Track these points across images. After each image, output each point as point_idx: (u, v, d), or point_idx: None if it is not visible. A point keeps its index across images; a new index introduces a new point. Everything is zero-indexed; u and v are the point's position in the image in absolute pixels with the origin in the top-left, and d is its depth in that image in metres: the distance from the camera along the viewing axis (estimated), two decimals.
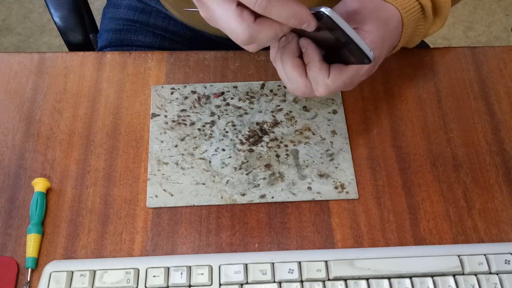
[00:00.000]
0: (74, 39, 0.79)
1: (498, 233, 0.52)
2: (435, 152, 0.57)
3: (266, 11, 0.39)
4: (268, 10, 0.39)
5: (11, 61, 0.62)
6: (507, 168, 0.56)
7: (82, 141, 0.57)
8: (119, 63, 0.62)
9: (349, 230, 0.52)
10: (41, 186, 0.53)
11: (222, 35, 0.74)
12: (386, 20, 0.50)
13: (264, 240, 0.52)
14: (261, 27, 0.40)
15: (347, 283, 0.47)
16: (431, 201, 0.54)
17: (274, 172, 0.55)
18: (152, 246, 0.51)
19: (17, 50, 1.63)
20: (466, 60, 0.64)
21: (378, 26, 0.48)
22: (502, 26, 1.73)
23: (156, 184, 0.54)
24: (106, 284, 0.47)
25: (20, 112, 0.59)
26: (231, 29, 0.40)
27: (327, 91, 0.47)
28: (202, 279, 0.47)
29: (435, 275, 0.48)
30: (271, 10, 0.39)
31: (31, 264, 0.49)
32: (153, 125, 0.58)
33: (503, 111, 0.60)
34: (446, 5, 0.54)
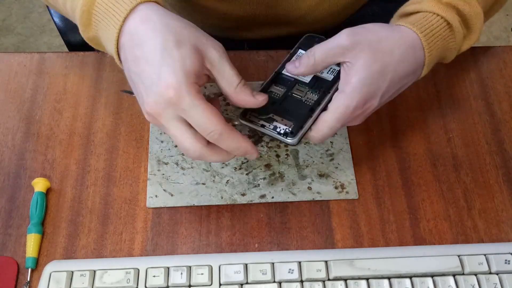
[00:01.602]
0: (74, 39, 0.79)
1: (498, 233, 0.52)
2: (435, 152, 0.57)
3: (217, 142, 0.44)
4: (218, 142, 0.44)
5: (11, 61, 0.62)
6: (507, 168, 0.56)
7: (82, 141, 0.57)
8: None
9: (349, 230, 0.52)
10: (41, 186, 0.53)
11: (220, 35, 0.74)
12: (391, 50, 0.48)
13: (264, 240, 0.52)
14: (212, 151, 0.45)
15: (347, 283, 0.47)
16: (431, 201, 0.54)
17: (274, 172, 0.55)
18: (152, 246, 0.51)
19: (17, 50, 1.63)
20: (466, 60, 0.64)
21: (375, 59, 0.47)
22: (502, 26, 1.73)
23: (156, 184, 0.54)
24: (106, 284, 0.47)
25: (20, 112, 0.59)
26: (185, 148, 0.44)
27: (317, 139, 0.49)
28: (202, 279, 0.47)
29: (435, 275, 0.48)
30: (220, 142, 0.44)
31: (31, 264, 0.49)
32: (153, 125, 0.58)
33: (503, 111, 0.60)
34: (478, 17, 0.52)
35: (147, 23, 0.44)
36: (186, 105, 0.42)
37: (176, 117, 0.43)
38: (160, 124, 0.44)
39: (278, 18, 0.67)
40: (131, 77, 0.45)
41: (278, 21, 0.68)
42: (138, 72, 0.44)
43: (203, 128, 0.43)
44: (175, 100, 0.41)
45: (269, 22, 0.68)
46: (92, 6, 0.46)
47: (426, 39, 0.49)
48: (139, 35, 0.44)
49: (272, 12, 0.66)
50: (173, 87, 0.41)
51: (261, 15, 0.66)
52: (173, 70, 0.42)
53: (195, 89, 0.42)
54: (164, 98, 0.42)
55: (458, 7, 0.51)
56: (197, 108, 0.42)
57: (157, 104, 0.42)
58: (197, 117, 0.42)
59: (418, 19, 0.50)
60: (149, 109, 0.43)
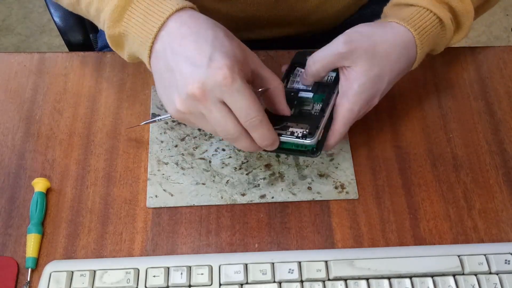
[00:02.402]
0: (74, 39, 0.79)
1: (498, 233, 0.52)
2: (435, 152, 0.57)
3: (254, 128, 0.45)
4: (256, 128, 0.45)
5: (11, 61, 0.62)
6: (507, 168, 0.56)
7: (82, 141, 0.57)
8: (119, 63, 0.62)
9: (349, 230, 0.52)
10: (41, 186, 0.53)
11: None
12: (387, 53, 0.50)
13: (264, 240, 0.52)
14: (248, 136, 0.46)
15: (347, 283, 0.47)
16: (431, 201, 0.54)
17: (274, 172, 0.55)
18: (152, 246, 0.51)
19: (17, 50, 1.63)
20: (466, 60, 0.64)
21: (372, 64, 0.49)
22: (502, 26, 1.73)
23: (156, 184, 0.54)
24: (106, 284, 0.47)
25: (20, 112, 0.59)
26: (226, 129, 0.45)
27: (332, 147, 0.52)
28: (202, 279, 0.47)
29: (435, 275, 0.48)
30: (258, 129, 0.45)
31: (31, 264, 0.49)
32: (153, 125, 0.58)
33: (503, 111, 0.60)
34: (469, 15, 0.53)
35: (196, 19, 0.46)
36: (236, 87, 0.42)
37: (220, 100, 0.43)
38: (198, 111, 0.45)
39: (279, 19, 0.67)
40: (170, 65, 0.45)
41: (279, 22, 0.68)
42: (182, 58, 0.44)
43: (246, 113, 0.44)
44: (228, 81, 0.42)
45: (270, 23, 0.68)
46: (130, 3, 0.47)
47: (419, 36, 0.51)
48: (188, 26, 0.45)
49: (273, 13, 0.66)
50: (227, 67, 0.42)
51: (262, 16, 0.66)
52: (226, 54, 0.43)
53: (244, 76, 0.44)
54: (216, 78, 0.42)
55: (451, 4, 0.53)
56: (245, 92, 0.43)
57: (205, 85, 0.43)
58: (244, 101, 0.43)
59: (411, 15, 0.51)
60: (195, 90, 0.43)
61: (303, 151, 0.50)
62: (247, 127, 0.45)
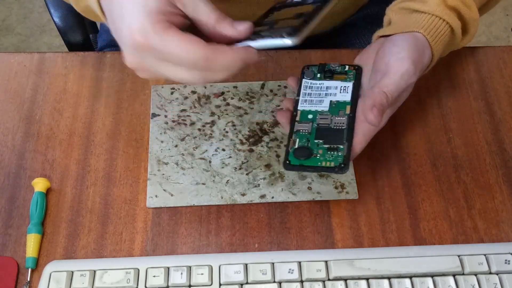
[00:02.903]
0: (74, 39, 0.79)
1: (498, 233, 0.52)
2: (435, 152, 0.57)
3: (209, 68, 0.40)
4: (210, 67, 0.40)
5: (11, 61, 0.62)
6: (507, 168, 0.56)
7: (82, 141, 0.57)
8: (119, 63, 0.62)
9: (349, 230, 0.52)
10: (41, 186, 0.53)
11: None
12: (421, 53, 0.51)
13: (264, 240, 0.52)
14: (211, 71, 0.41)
15: (347, 283, 0.47)
16: (431, 201, 0.54)
17: (274, 172, 0.55)
18: (152, 246, 0.51)
19: (17, 50, 1.63)
20: (466, 60, 0.64)
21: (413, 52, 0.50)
22: (502, 26, 1.72)
23: (156, 184, 0.54)
24: (106, 284, 0.47)
25: (20, 112, 0.59)
26: (185, 79, 0.41)
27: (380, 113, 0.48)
28: (202, 279, 0.47)
29: (435, 275, 0.48)
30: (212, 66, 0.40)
31: (31, 264, 0.49)
32: (153, 125, 0.58)
33: (503, 111, 0.60)
34: (475, 23, 0.55)
35: None
36: (157, 45, 0.39)
37: (157, 59, 0.40)
38: (150, 74, 0.43)
39: None
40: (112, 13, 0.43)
41: None
42: (113, 29, 0.42)
43: (186, 62, 0.40)
44: (145, 44, 0.39)
45: None
46: None
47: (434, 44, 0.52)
48: None
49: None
50: (138, 32, 0.39)
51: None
52: (135, 14, 0.39)
53: (162, 26, 0.39)
54: (135, 46, 0.39)
55: (460, 11, 0.52)
56: (170, 43, 0.39)
57: (133, 57, 0.41)
58: (174, 52, 0.39)
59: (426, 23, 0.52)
60: (130, 65, 0.41)
61: (330, 168, 0.48)
62: (201, 70, 0.41)
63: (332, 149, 0.48)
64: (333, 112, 0.51)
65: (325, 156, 0.48)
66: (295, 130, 0.50)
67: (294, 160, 0.48)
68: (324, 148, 0.49)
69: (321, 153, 0.48)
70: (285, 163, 0.49)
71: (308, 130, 0.50)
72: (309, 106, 0.52)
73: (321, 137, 0.49)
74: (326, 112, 0.51)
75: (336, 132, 0.50)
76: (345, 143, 0.48)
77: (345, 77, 0.53)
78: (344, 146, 0.48)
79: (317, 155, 0.48)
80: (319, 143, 0.49)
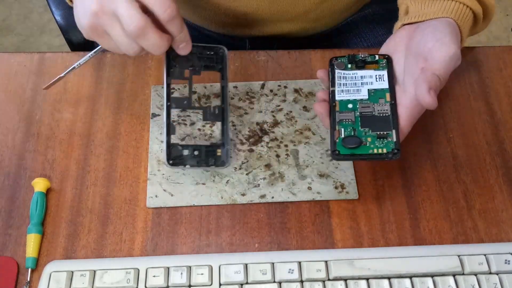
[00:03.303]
0: (76, 38, 0.79)
1: (498, 233, 0.52)
2: (435, 152, 0.57)
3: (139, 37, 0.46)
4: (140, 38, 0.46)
5: (11, 61, 0.62)
6: (507, 168, 0.56)
7: (82, 141, 0.57)
8: (119, 63, 0.62)
9: (349, 230, 0.52)
10: (41, 186, 0.53)
11: (223, 32, 0.74)
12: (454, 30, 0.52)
13: (264, 240, 0.52)
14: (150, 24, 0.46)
15: (347, 283, 0.47)
16: (431, 201, 0.54)
17: (274, 172, 0.55)
18: (152, 246, 0.51)
19: (17, 50, 1.63)
20: (466, 60, 0.64)
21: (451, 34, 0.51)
22: (502, 26, 1.72)
23: (156, 184, 0.54)
24: (106, 284, 0.47)
25: (20, 112, 0.59)
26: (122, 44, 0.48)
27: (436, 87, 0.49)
28: (202, 279, 0.47)
29: (435, 275, 0.48)
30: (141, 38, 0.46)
31: (31, 264, 0.49)
32: (153, 125, 0.58)
33: (503, 111, 0.60)
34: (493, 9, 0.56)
35: None
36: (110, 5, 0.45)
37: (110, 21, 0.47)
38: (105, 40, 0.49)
39: (281, 14, 0.67)
40: None
41: (281, 17, 0.68)
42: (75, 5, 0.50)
43: (127, 22, 0.45)
44: (100, 6, 0.46)
45: (271, 18, 0.68)
46: None
47: (462, 29, 0.53)
48: None
49: (274, 8, 0.66)
50: None
51: (263, 11, 0.66)
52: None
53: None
54: (92, 10, 0.46)
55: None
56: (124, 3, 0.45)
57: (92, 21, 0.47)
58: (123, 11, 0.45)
59: (453, 9, 0.53)
60: (86, 35, 0.49)
61: (383, 154, 0.49)
62: (133, 37, 0.46)
63: (381, 136, 0.49)
64: (373, 100, 0.51)
65: (376, 144, 0.49)
66: (338, 120, 0.50)
67: (343, 149, 0.49)
68: (373, 135, 0.49)
69: (370, 141, 0.49)
70: (334, 153, 0.49)
71: (351, 119, 0.50)
72: (347, 95, 0.52)
73: (367, 125, 0.50)
74: (366, 101, 0.51)
75: (382, 119, 0.50)
76: (393, 130, 0.49)
77: (377, 66, 0.53)
78: (393, 132, 0.49)
79: (367, 143, 0.49)
80: (366, 131, 0.49)
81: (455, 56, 0.50)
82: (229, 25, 0.71)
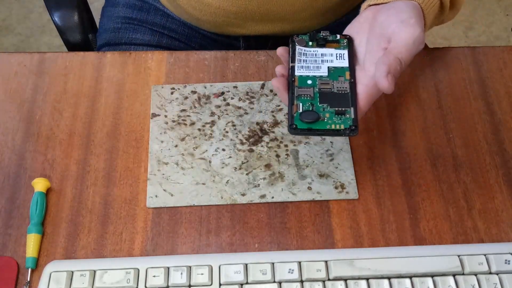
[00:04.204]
0: (73, 39, 0.79)
1: (498, 233, 0.52)
2: (435, 152, 0.57)
3: None
4: None
5: (11, 61, 0.62)
6: (507, 168, 0.56)
7: (82, 141, 0.57)
8: (119, 63, 0.62)
9: (349, 230, 0.52)
10: (41, 186, 0.53)
11: (215, 31, 0.74)
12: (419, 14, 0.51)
13: (264, 240, 0.52)
14: None
15: (347, 283, 0.47)
16: (431, 201, 0.54)
17: (274, 172, 0.55)
18: (152, 246, 0.51)
19: (17, 50, 1.63)
20: (466, 60, 0.64)
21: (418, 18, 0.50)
22: (502, 26, 1.72)
23: (156, 184, 0.54)
24: (106, 284, 0.47)
25: (20, 112, 0.59)
26: None
27: None
28: (202, 279, 0.47)
29: (435, 275, 0.48)
30: None
31: (31, 264, 0.49)
32: (153, 125, 0.58)
33: (503, 111, 0.60)
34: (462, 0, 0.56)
35: None
36: None
37: None
38: None
39: (272, 14, 0.68)
40: None
41: (272, 17, 0.68)
42: None
43: None
44: None
45: (262, 18, 0.68)
46: None
47: (426, 14, 0.52)
48: None
49: (265, 7, 0.66)
50: None
51: (254, 10, 0.66)
52: None
53: None
54: None
55: None
56: None
57: None
58: None
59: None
60: None
61: (340, 131, 0.48)
62: None
63: (339, 112, 0.49)
64: (333, 77, 0.51)
65: (333, 119, 0.48)
66: (297, 95, 0.50)
67: (301, 124, 0.48)
68: (331, 111, 0.49)
69: (328, 117, 0.48)
70: (291, 127, 0.48)
71: (310, 95, 0.50)
72: (307, 72, 0.52)
73: (326, 101, 0.49)
74: (325, 78, 0.51)
75: (341, 96, 0.50)
76: (352, 107, 0.49)
77: (338, 45, 0.53)
78: (351, 110, 0.48)
79: (325, 119, 0.48)
80: (324, 107, 0.49)
81: (419, 38, 0.48)
82: (220, 25, 0.71)
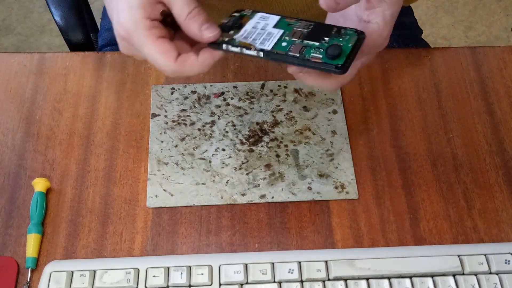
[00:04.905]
0: (75, 38, 0.79)
1: (498, 233, 0.52)
2: (435, 152, 0.57)
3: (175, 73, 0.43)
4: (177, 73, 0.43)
5: (11, 61, 0.62)
6: (507, 168, 0.56)
7: (82, 141, 0.57)
8: (119, 63, 0.62)
9: (349, 230, 0.52)
10: (41, 186, 0.53)
11: None
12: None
13: (264, 240, 0.52)
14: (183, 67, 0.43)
15: (347, 283, 0.47)
16: (431, 201, 0.54)
17: (274, 172, 0.55)
18: (152, 246, 0.51)
19: (17, 50, 1.63)
20: (466, 60, 0.64)
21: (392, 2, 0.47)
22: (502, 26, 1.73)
23: (156, 184, 0.54)
24: (106, 284, 0.47)
25: (20, 112, 0.59)
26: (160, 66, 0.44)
27: None
28: (202, 279, 0.47)
29: (435, 275, 0.48)
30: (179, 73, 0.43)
31: (31, 264, 0.49)
32: (153, 125, 0.58)
33: (503, 111, 0.60)
34: None
35: None
36: (135, 44, 0.43)
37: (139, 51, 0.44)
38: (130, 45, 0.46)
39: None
40: None
41: None
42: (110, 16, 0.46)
43: (157, 64, 0.43)
44: (127, 38, 0.43)
45: None
46: None
47: None
48: None
49: (267, 8, 0.66)
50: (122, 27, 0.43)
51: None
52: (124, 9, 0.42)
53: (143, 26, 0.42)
54: (121, 37, 0.44)
55: None
56: (145, 48, 0.42)
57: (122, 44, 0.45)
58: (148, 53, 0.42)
59: None
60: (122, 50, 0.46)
61: (328, 65, 0.42)
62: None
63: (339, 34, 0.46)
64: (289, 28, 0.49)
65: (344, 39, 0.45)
66: None
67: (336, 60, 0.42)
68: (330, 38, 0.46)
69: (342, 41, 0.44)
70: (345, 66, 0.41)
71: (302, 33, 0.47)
72: None
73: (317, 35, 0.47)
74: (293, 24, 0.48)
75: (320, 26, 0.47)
76: None
77: None
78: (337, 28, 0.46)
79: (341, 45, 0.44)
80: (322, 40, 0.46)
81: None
82: None
